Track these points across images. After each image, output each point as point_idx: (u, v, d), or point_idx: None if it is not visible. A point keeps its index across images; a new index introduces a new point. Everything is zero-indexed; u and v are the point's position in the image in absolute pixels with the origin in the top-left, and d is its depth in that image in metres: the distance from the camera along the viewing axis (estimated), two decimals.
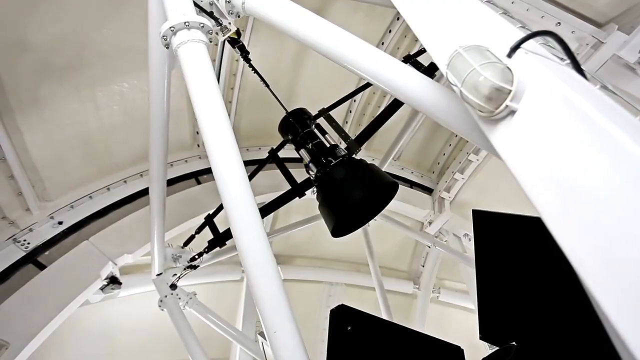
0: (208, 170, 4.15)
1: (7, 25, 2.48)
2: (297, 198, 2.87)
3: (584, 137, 0.58)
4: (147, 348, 4.02)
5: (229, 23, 1.90)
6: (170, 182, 3.87)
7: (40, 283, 2.84)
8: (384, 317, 4.03)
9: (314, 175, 2.53)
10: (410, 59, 3.18)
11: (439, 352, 2.19)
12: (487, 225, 1.91)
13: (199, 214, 3.55)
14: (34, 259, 2.98)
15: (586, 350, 1.60)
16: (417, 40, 3.55)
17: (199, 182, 4.03)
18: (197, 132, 4.16)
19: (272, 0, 1.67)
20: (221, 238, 2.99)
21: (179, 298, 3.17)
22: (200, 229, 3.18)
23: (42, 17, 2.55)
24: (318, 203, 2.46)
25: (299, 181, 2.83)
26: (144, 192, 3.64)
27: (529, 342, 1.73)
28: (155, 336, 2.97)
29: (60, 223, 3.22)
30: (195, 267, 3.23)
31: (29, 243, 3.00)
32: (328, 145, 2.59)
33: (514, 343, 1.79)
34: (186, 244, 3.33)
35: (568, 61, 0.87)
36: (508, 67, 0.81)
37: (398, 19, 4.06)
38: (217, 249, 3.10)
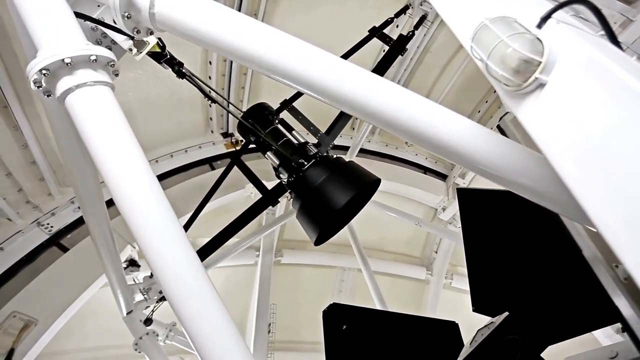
0: (221, 157, 4.20)
1: None
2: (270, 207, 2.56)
3: (625, 108, 0.55)
4: None
5: (147, 35, 1.34)
6: (186, 167, 3.99)
7: (64, 264, 2.96)
8: (375, 302, 4.11)
9: (285, 181, 2.23)
10: (377, 32, 2.89)
11: (435, 329, 2.23)
12: (472, 201, 1.94)
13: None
14: (57, 242, 3.10)
15: (573, 309, 1.64)
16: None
17: (213, 168, 4.09)
18: (211, 119, 4.19)
19: (203, 8, 1.15)
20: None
21: (157, 335, 2.84)
22: None
23: None
24: (295, 211, 2.18)
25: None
26: (159, 177, 3.71)
27: (520, 310, 1.76)
28: (172, 315, 3.03)
29: (80, 207, 3.31)
30: None
31: (52, 226, 3.12)
32: (297, 144, 2.25)
33: (507, 313, 1.83)
34: None
35: (602, 32, 0.82)
36: (538, 38, 0.77)
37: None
38: None
